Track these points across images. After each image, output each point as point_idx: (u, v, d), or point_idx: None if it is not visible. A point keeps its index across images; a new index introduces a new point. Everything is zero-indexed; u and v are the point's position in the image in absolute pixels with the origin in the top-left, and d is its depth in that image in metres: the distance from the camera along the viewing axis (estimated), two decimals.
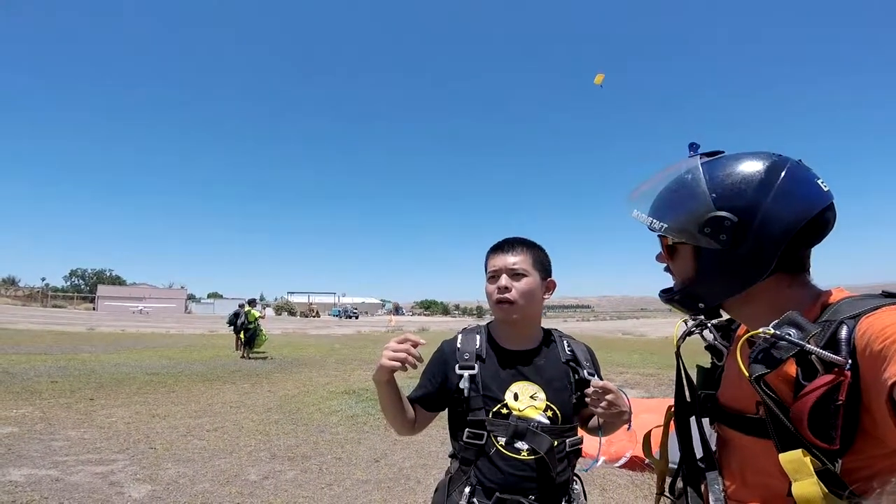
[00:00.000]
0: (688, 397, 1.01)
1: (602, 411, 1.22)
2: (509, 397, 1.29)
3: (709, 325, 1.02)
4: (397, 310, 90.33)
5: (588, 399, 1.25)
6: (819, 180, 0.82)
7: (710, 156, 0.89)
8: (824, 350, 0.67)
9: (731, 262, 0.82)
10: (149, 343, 16.21)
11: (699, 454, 0.96)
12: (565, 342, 1.42)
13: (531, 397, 1.29)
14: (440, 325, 37.39)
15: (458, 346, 1.38)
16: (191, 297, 77.08)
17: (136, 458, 4.41)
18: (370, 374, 1.35)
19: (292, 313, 66.75)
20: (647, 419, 1.79)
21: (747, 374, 0.72)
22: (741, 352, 0.74)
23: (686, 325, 1.06)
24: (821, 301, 0.80)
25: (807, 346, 0.67)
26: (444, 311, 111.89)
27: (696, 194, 0.84)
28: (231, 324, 13.78)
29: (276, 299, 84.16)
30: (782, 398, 0.72)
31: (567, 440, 1.29)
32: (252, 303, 13.99)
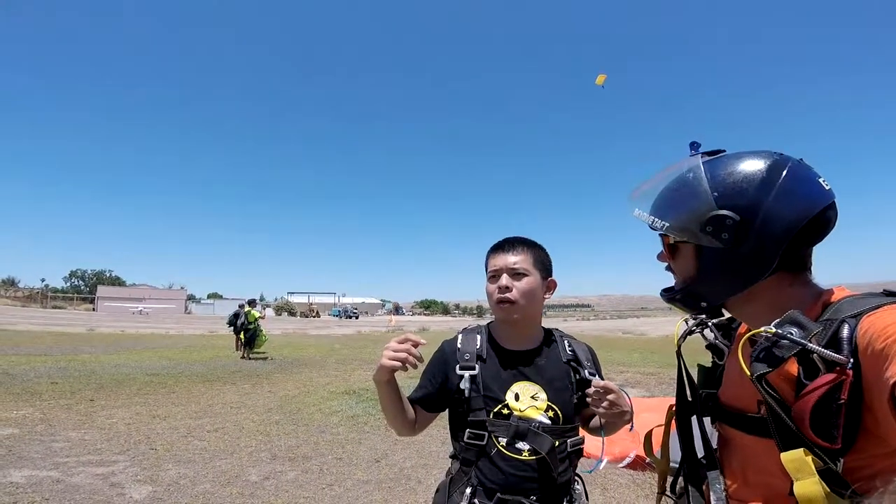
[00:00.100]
0: (689, 396, 1.01)
1: (603, 411, 1.22)
2: (510, 398, 1.28)
3: (709, 324, 1.02)
4: (397, 310, 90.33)
5: (589, 399, 1.24)
6: (820, 179, 0.82)
7: (711, 155, 0.89)
8: (826, 349, 0.67)
9: (733, 261, 0.82)
10: (149, 344, 16.22)
11: (700, 453, 0.96)
12: (566, 342, 1.42)
13: (532, 397, 1.29)
14: (440, 324, 37.39)
15: (459, 346, 1.37)
16: (191, 298, 77.09)
17: (137, 459, 4.41)
18: (370, 375, 1.35)
19: (292, 313, 66.75)
20: (648, 418, 1.78)
21: (749, 372, 0.72)
22: (743, 351, 0.74)
23: (687, 324, 1.06)
24: (822, 300, 0.80)
25: (808, 344, 0.67)
26: (445, 310, 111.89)
27: (698, 193, 0.84)
28: (231, 324, 13.79)
29: (276, 299, 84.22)
30: (784, 397, 0.72)
31: (568, 440, 1.28)
32: (252, 303, 13.98)
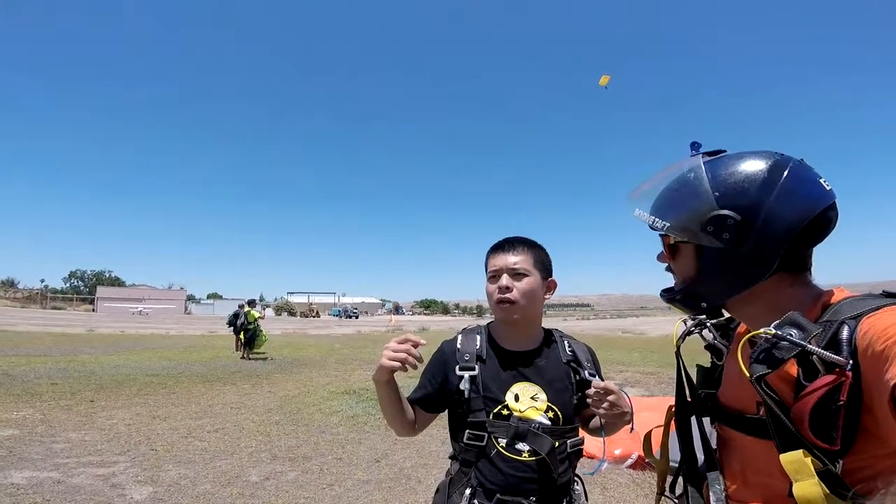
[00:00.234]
0: (688, 397, 1.01)
1: (604, 412, 1.21)
2: (510, 398, 1.28)
3: (708, 324, 1.02)
4: (397, 309, 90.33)
5: (589, 400, 1.24)
6: (821, 179, 0.82)
7: (711, 155, 0.89)
8: (825, 350, 0.67)
9: (734, 261, 0.82)
10: (149, 344, 16.21)
11: (700, 454, 0.95)
12: (566, 342, 1.42)
13: (532, 398, 1.29)
14: (440, 324, 37.38)
15: (459, 346, 1.37)
16: (190, 298, 77.04)
17: (137, 459, 4.41)
18: (370, 374, 1.35)
19: (292, 313, 66.73)
20: (648, 418, 1.78)
21: (748, 374, 0.72)
22: (742, 352, 0.74)
23: (685, 324, 1.06)
24: (822, 301, 0.80)
25: (808, 346, 0.67)
26: (445, 310, 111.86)
27: (699, 193, 0.84)
28: (231, 324, 13.80)
29: (276, 299, 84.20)
30: (783, 398, 0.72)
31: (568, 441, 1.28)
32: (252, 303, 13.99)
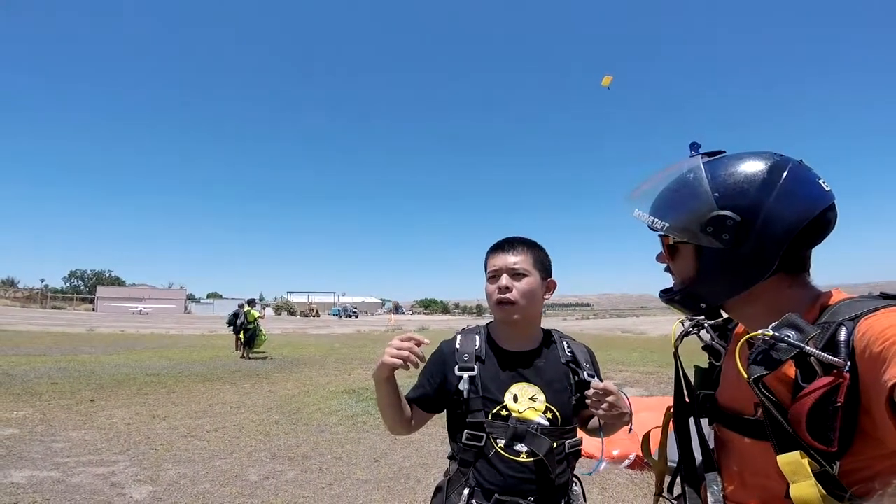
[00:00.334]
0: (686, 398, 1.01)
1: (602, 413, 1.21)
2: (509, 399, 1.28)
3: (706, 325, 1.02)
4: (397, 309, 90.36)
5: (588, 401, 1.23)
6: (820, 180, 0.82)
7: (710, 155, 0.89)
8: (823, 352, 0.67)
9: (734, 262, 0.82)
10: (148, 344, 16.21)
11: (698, 455, 0.96)
12: (565, 343, 1.42)
13: (531, 399, 1.29)
14: (440, 323, 37.41)
15: (458, 346, 1.37)
16: (190, 298, 77.08)
17: (137, 459, 4.41)
18: (370, 374, 1.35)
19: (292, 313, 66.71)
20: (647, 417, 1.78)
21: (746, 375, 0.72)
22: (740, 353, 0.74)
23: (683, 325, 1.06)
24: (819, 302, 0.80)
25: (806, 348, 0.67)
26: (444, 309, 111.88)
27: (699, 193, 0.84)
28: (230, 324, 13.80)
29: (276, 299, 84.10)
30: (781, 400, 0.72)
31: (566, 442, 1.28)
32: (251, 303, 14.00)
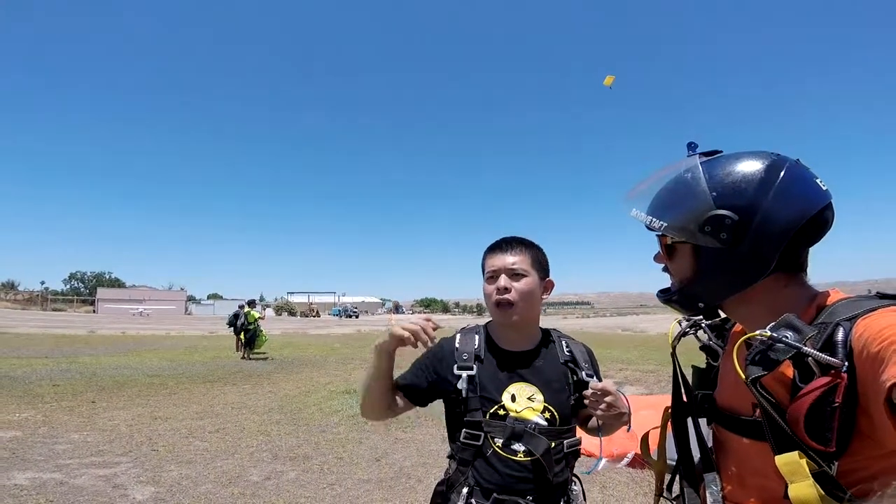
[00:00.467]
0: (684, 398, 1.01)
1: (601, 413, 1.21)
2: (507, 398, 1.28)
3: (703, 325, 1.02)
4: (397, 308, 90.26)
5: (587, 401, 1.24)
6: (818, 179, 0.82)
7: (708, 155, 0.89)
8: (821, 352, 0.67)
9: (731, 261, 0.82)
10: (149, 345, 16.22)
11: (697, 455, 0.96)
12: (564, 343, 1.42)
13: (529, 399, 1.29)
14: (440, 322, 37.28)
15: (457, 346, 1.37)
16: (191, 299, 76.94)
17: (139, 460, 4.42)
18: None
19: (292, 313, 66.66)
20: (647, 416, 1.79)
21: (743, 376, 0.72)
22: (738, 354, 0.74)
23: (680, 325, 1.06)
24: (817, 302, 0.80)
25: (803, 348, 0.68)
26: (444, 308, 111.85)
27: (697, 193, 0.84)
28: (231, 325, 13.79)
29: (276, 299, 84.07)
30: (779, 400, 0.72)
31: (565, 441, 1.28)
32: (252, 303, 14.00)
